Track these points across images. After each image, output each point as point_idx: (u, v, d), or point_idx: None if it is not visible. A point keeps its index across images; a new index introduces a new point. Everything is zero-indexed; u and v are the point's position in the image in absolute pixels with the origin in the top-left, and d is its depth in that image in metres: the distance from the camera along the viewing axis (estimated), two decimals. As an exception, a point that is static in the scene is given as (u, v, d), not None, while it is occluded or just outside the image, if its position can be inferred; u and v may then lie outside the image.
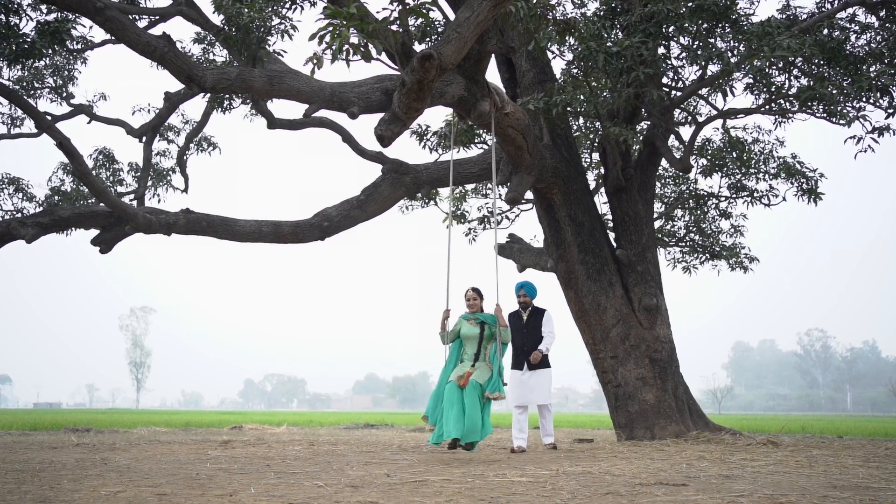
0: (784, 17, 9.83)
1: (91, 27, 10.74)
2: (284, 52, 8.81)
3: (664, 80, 9.91)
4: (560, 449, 8.67)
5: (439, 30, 10.20)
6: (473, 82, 7.87)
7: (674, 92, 10.12)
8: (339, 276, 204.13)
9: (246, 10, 8.30)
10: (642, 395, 9.54)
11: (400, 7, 6.39)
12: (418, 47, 7.75)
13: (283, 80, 8.32)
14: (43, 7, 9.32)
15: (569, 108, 9.47)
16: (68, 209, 10.56)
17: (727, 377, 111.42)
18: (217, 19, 8.89)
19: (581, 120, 12.00)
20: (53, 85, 11.72)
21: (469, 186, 13.28)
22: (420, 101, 6.80)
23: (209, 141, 13.05)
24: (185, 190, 13.03)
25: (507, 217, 13.66)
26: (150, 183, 12.58)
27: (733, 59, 8.70)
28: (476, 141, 12.03)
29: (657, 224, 13.23)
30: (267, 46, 8.54)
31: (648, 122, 10.83)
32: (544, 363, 8.63)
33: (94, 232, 10.58)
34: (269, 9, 8.83)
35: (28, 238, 9.91)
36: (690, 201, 13.35)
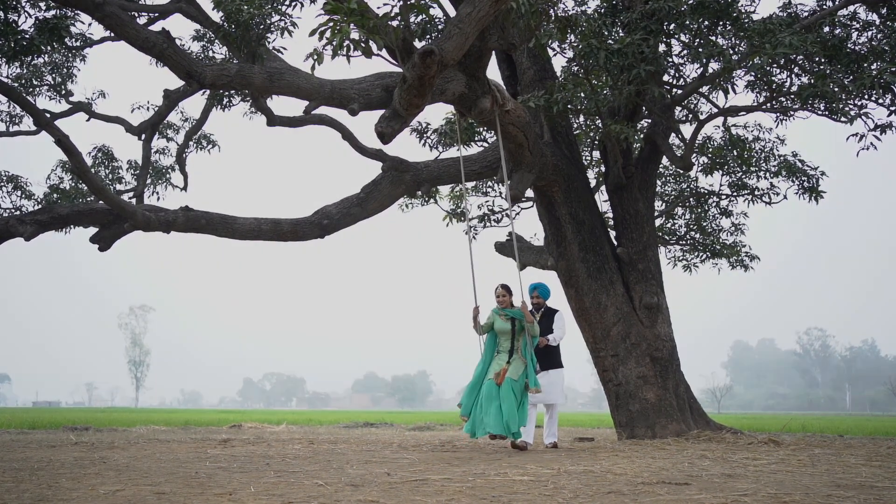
0: (785, 14, 9.80)
1: (90, 24, 10.70)
2: (284, 48, 8.76)
3: (665, 77, 9.88)
4: (561, 448, 8.65)
5: (440, 26, 10.16)
6: (474, 79, 7.84)
7: (675, 90, 10.09)
8: (339, 274, 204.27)
9: (245, 6, 8.24)
10: (643, 394, 9.51)
11: (401, 3, 6.36)
12: (419, 43, 7.71)
13: (283, 77, 8.27)
14: (42, 3, 9.28)
15: (569, 106, 9.44)
16: (67, 207, 10.51)
17: (726, 376, 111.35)
18: (216, 16, 8.85)
19: (582, 117, 11.97)
20: (52, 82, 11.68)
21: (469, 184, 13.25)
22: (421, 98, 6.77)
23: (209, 138, 12.99)
24: (185, 188, 12.98)
25: (507, 215, 13.63)
26: (149, 181, 12.53)
27: (734, 57, 8.67)
28: (476, 139, 12.00)
29: (658, 222, 13.20)
30: (266, 43, 8.49)
31: (649, 120, 10.80)
32: (557, 363, 8.69)
33: (92, 230, 10.53)
34: (269, 5, 8.78)
35: (27, 236, 9.86)
36: (691, 199, 13.32)
